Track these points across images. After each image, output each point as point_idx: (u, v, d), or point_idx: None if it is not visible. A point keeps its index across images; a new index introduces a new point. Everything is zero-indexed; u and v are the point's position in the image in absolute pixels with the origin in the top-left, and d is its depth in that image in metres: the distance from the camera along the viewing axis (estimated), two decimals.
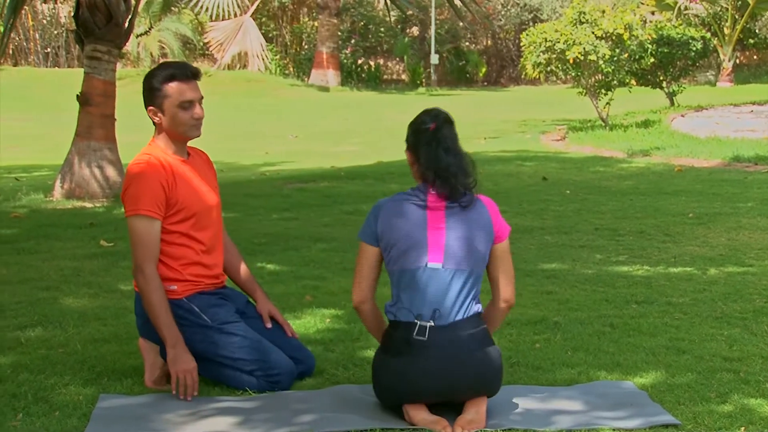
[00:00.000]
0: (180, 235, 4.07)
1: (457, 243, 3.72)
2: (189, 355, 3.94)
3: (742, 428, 3.63)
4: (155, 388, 4.04)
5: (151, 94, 4.07)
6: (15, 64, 28.81)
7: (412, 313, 3.73)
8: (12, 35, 26.51)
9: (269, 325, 4.27)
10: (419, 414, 3.70)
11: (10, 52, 29.01)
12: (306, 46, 31.92)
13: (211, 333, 4.02)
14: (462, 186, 3.74)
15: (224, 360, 4.02)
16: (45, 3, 27.90)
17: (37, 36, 30.03)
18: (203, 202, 4.16)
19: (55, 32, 30.17)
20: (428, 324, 3.71)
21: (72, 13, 10.02)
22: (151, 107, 4.09)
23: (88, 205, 9.19)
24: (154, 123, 4.12)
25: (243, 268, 4.44)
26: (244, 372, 4.01)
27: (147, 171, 4.01)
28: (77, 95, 9.56)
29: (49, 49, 30.22)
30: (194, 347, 3.98)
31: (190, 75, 4.11)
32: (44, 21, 30.03)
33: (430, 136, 3.78)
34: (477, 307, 3.79)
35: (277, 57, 30.97)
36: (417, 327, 3.71)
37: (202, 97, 4.15)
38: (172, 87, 4.05)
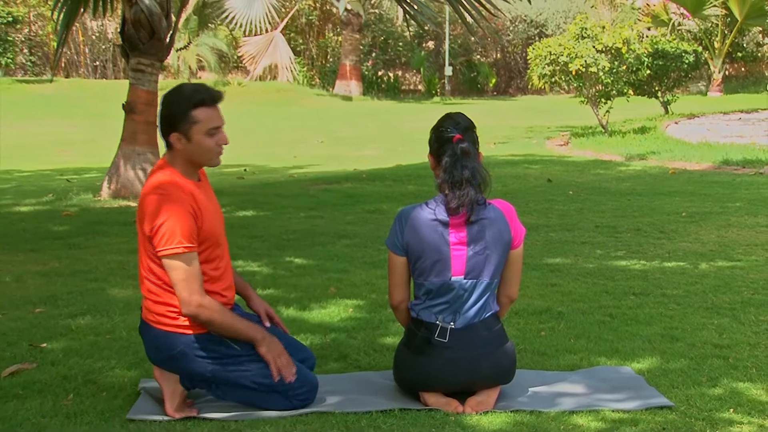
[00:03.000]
0: (203, 264, 3.59)
1: (477, 258, 3.67)
2: (275, 340, 3.63)
3: (731, 410, 3.61)
4: (181, 416, 3.58)
5: (177, 120, 3.54)
6: (67, 76, 28.93)
7: (434, 315, 3.72)
8: (64, 49, 26.64)
9: (268, 324, 3.84)
10: (433, 396, 3.70)
11: (63, 64, 29.14)
12: (331, 59, 31.93)
13: (242, 361, 3.60)
14: (476, 201, 3.64)
15: (258, 386, 3.60)
16: (94, 20, 27.99)
17: (86, 50, 30.14)
18: (220, 226, 3.72)
19: (103, 47, 30.27)
20: (449, 326, 3.69)
21: (118, 30, 10.04)
22: (175, 133, 3.55)
23: (132, 204, 9.21)
24: (170, 147, 3.61)
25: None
26: (276, 393, 3.60)
27: (178, 202, 3.50)
28: (123, 104, 9.59)
29: (97, 62, 30.33)
30: (226, 377, 3.60)
31: (216, 99, 3.58)
32: (93, 37, 30.15)
33: (452, 149, 3.66)
34: (494, 308, 3.77)
35: (305, 69, 30.97)
36: (438, 329, 3.69)
37: (224, 123, 3.65)
38: (201, 113, 3.54)
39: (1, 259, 6.58)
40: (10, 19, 27.22)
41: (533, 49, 16.01)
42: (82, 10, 9.95)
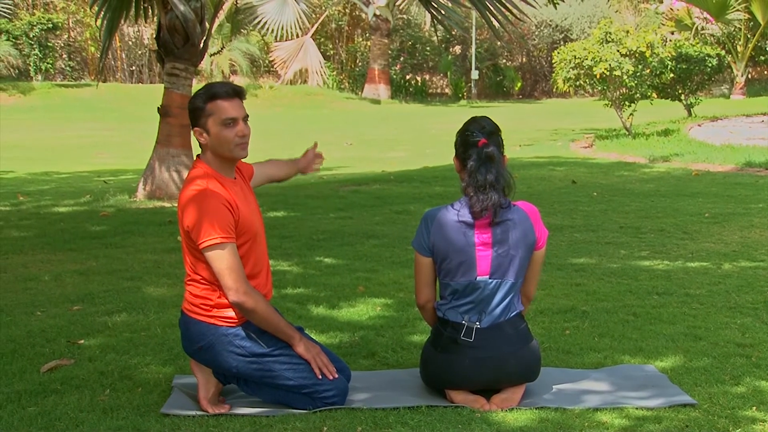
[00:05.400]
0: (241, 259, 3.62)
1: (502, 258, 3.67)
2: (312, 341, 3.73)
3: (754, 408, 3.58)
4: (214, 412, 3.59)
5: (195, 115, 3.64)
6: (104, 81, 29.12)
7: (460, 314, 3.71)
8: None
9: (317, 151, 4.30)
10: (459, 394, 3.69)
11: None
12: (360, 64, 31.97)
13: (266, 361, 3.61)
14: (500, 205, 3.63)
15: (281, 386, 3.62)
16: (131, 26, 28.19)
17: (123, 56, 30.36)
18: (259, 224, 3.77)
19: (139, 52, 30.49)
20: (475, 326, 3.68)
21: (154, 35, 10.10)
22: (196, 128, 3.66)
23: (167, 205, 9.26)
24: (200, 145, 3.70)
25: (276, 163, 4.23)
26: (301, 394, 3.62)
27: (212, 197, 3.55)
28: (158, 107, 9.65)
29: (133, 67, 30.55)
30: (251, 375, 3.63)
31: (232, 93, 3.65)
32: (130, 42, 30.36)
33: (478, 153, 3.66)
34: (518, 308, 3.76)
35: (334, 73, 31.05)
36: (465, 328, 3.68)
37: (247, 116, 3.70)
38: (215, 105, 3.61)
39: (40, 258, 6.64)
40: (50, 25, 27.51)
41: (558, 53, 15.94)
42: (123, 19, 10.01)
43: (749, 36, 24.35)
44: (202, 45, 9.65)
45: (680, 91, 17.95)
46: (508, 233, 3.66)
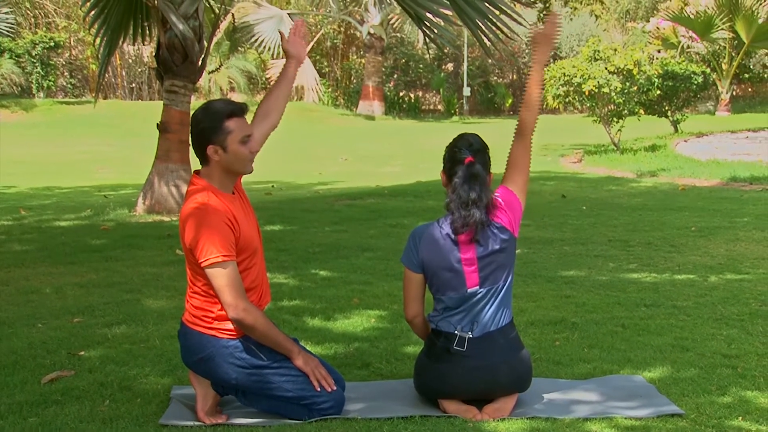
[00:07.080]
0: (240, 273, 3.58)
1: (489, 267, 3.66)
2: (310, 353, 3.70)
3: (740, 417, 3.58)
4: (211, 423, 3.58)
5: (212, 132, 3.55)
6: (105, 98, 29.11)
7: (452, 325, 3.70)
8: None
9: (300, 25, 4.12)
10: (452, 404, 3.68)
11: (101, 87, 29.34)
12: (354, 81, 32.02)
13: (265, 373, 3.58)
14: (482, 223, 3.63)
15: (279, 397, 3.60)
16: (130, 45, 28.21)
17: (123, 73, 30.35)
18: (258, 240, 3.74)
19: (139, 70, 30.48)
20: (467, 336, 3.67)
21: (153, 53, 10.10)
22: (212, 145, 3.57)
23: (165, 219, 9.25)
24: (206, 162, 3.62)
25: (263, 108, 3.93)
26: (298, 405, 3.59)
27: (214, 216, 3.51)
28: (157, 124, 9.64)
29: (133, 84, 30.53)
30: (250, 386, 3.61)
31: (244, 110, 3.64)
32: (130, 60, 30.36)
33: (463, 170, 3.67)
34: (508, 317, 3.75)
35: (330, 90, 31.09)
36: (457, 338, 3.67)
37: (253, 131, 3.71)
38: (234, 123, 3.57)
39: (42, 271, 6.62)
40: (52, 44, 27.50)
41: (548, 70, 15.98)
42: (122, 39, 10.02)
43: (734, 54, 24.46)
44: (200, 63, 9.65)
45: (667, 108, 18.03)
46: (490, 247, 3.66)
